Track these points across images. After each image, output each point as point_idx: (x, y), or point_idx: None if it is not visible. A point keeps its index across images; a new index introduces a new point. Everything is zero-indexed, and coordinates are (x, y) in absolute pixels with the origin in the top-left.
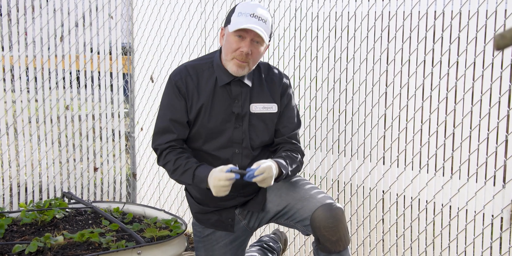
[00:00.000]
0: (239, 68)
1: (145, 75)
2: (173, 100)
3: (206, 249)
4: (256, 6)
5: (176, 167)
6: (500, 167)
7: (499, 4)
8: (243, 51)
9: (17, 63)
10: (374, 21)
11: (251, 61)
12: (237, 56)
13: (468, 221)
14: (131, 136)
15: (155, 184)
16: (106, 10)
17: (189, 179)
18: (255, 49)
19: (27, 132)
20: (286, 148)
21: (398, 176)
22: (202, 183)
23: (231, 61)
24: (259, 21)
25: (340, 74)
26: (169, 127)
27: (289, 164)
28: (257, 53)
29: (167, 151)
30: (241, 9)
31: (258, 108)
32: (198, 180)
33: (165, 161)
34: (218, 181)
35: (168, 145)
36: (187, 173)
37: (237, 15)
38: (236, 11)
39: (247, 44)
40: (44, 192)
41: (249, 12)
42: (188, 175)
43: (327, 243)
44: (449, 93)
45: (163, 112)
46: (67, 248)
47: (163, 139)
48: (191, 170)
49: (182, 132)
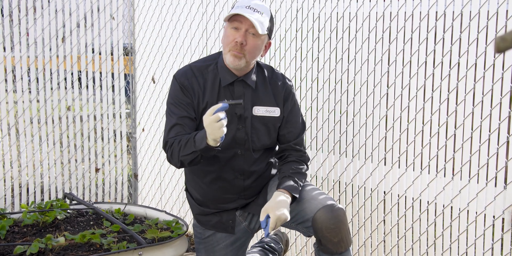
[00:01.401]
0: (235, 58)
1: (146, 75)
2: (179, 97)
3: (206, 250)
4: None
5: (180, 145)
6: (502, 168)
7: (500, 5)
8: (237, 41)
9: (19, 64)
10: (376, 22)
11: (247, 53)
12: (232, 47)
13: (469, 222)
14: (132, 137)
15: (157, 185)
16: (108, 11)
17: (191, 146)
18: (250, 40)
19: (28, 132)
20: (292, 159)
21: (399, 177)
22: (202, 141)
23: (228, 53)
24: (254, 12)
25: (342, 75)
26: (179, 122)
27: (298, 182)
28: (252, 45)
29: (173, 139)
30: (238, 3)
31: (261, 111)
32: (199, 140)
33: (171, 150)
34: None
35: (176, 136)
36: (189, 142)
37: (234, 8)
38: (234, 6)
39: (241, 35)
40: (45, 193)
41: (244, 5)
42: (190, 144)
43: (328, 244)
44: (451, 94)
45: (171, 110)
46: (68, 249)
47: (173, 133)
48: (191, 138)
49: (192, 127)
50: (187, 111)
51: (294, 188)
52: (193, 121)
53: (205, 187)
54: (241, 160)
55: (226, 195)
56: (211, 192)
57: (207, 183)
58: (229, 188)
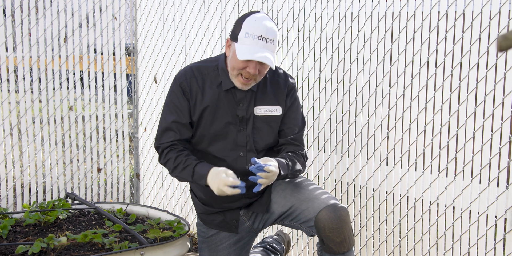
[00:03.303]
0: (245, 85)
1: (148, 75)
2: (176, 100)
3: (210, 249)
4: (263, 24)
5: (177, 164)
6: (504, 168)
7: (503, 5)
8: (250, 72)
9: (21, 63)
10: (378, 21)
11: (258, 77)
12: (244, 73)
13: (471, 222)
14: (134, 137)
15: (159, 184)
16: (110, 11)
17: (189, 175)
18: (262, 68)
19: (31, 132)
20: (289, 150)
21: (401, 177)
22: (201, 179)
23: (237, 76)
24: (266, 43)
25: (344, 75)
26: (172, 127)
27: (291, 166)
28: (263, 71)
29: (168, 149)
30: (249, 28)
31: (262, 111)
32: (198, 176)
33: (166, 159)
34: (223, 186)
35: (170, 143)
36: (187, 169)
37: (244, 36)
38: (243, 30)
39: (254, 66)
40: (47, 192)
41: (256, 34)
42: (187, 172)
43: (331, 244)
44: (453, 94)
45: (166, 113)
46: (70, 249)
47: (166, 138)
48: (191, 167)
49: (184, 133)
50: (181, 116)
51: (283, 166)
52: (185, 126)
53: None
54: (244, 161)
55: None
56: None
57: None
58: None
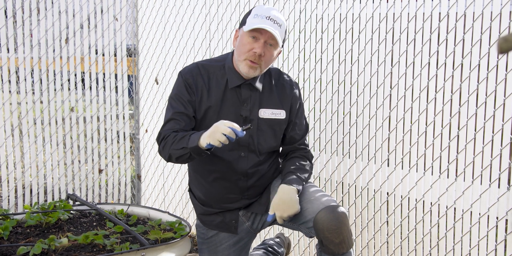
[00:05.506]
0: (251, 69)
1: (149, 77)
2: (181, 93)
3: (209, 250)
4: (271, 9)
5: (173, 140)
6: (505, 169)
7: (503, 6)
8: (256, 51)
9: (22, 65)
10: (379, 23)
11: (263, 63)
12: (250, 56)
13: (472, 224)
14: (135, 138)
15: (160, 186)
16: (111, 12)
17: (185, 142)
18: (268, 51)
19: (32, 133)
20: (295, 155)
21: (402, 178)
22: (195, 140)
23: (243, 61)
24: (274, 24)
25: (345, 76)
26: (176, 117)
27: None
28: (269, 56)
29: (169, 132)
30: (257, 11)
31: (267, 114)
32: (193, 138)
33: (165, 141)
34: (221, 124)
35: (172, 131)
36: (184, 139)
37: (253, 17)
38: (252, 13)
39: (260, 46)
40: (49, 194)
41: (265, 15)
42: (184, 140)
43: (330, 245)
44: (454, 95)
45: (171, 104)
46: (71, 250)
47: (169, 126)
48: (187, 135)
49: (188, 124)
50: (186, 107)
51: (296, 181)
52: (190, 118)
53: (208, 187)
54: (245, 162)
55: (229, 195)
56: (214, 191)
57: (210, 182)
58: (232, 188)
